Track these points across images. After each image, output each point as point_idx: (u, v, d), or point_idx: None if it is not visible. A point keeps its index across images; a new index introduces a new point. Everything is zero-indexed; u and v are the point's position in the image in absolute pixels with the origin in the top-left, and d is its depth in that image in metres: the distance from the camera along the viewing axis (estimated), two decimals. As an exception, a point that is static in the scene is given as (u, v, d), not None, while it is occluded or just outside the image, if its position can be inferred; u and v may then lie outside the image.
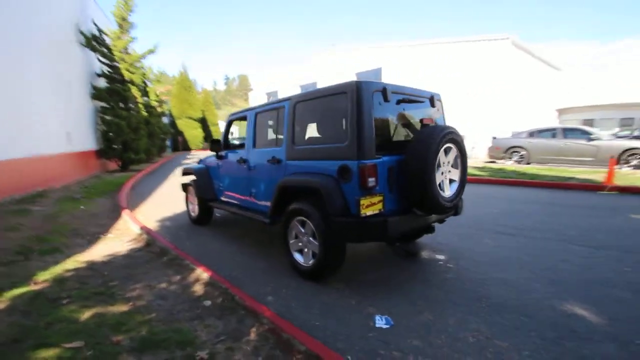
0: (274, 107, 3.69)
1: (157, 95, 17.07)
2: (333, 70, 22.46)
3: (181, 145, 30.13)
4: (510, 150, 12.19)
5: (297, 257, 3.28)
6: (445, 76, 16.82)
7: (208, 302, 2.65)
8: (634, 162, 9.27)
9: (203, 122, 33.40)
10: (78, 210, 6.29)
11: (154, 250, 4.05)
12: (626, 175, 8.22)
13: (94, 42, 11.23)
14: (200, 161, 5.76)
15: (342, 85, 2.88)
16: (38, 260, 3.63)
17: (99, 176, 11.29)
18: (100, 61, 11.95)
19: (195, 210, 5.40)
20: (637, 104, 18.85)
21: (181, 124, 29.49)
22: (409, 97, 3.20)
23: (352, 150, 2.73)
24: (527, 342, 2.16)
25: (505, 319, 2.45)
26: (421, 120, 3.16)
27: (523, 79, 16.95)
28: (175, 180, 11.38)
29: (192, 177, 5.61)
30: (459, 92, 16.26)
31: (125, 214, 5.78)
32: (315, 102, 3.18)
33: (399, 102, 3.10)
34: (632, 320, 2.36)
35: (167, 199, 7.74)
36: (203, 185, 5.08)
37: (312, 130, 3.33)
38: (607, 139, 10.32)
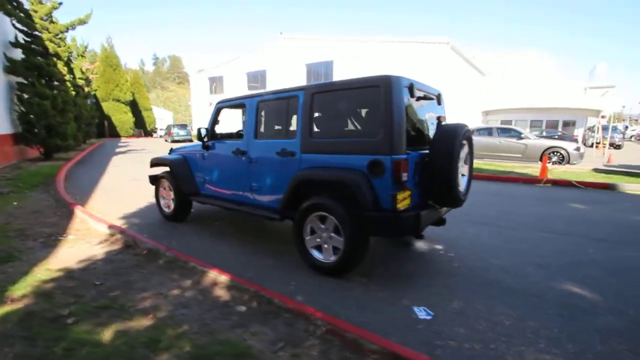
0: (284, 97, 3.49)
1: (83, 73, 14.84)
2: (283, 59, 22.02)
3: (107, 131, 26.84)
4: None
5: (315, 253, 3.19)
6: (386, 71, 17.64)
7: (242, 308, 2.45)
8: (554, 159, 10.93)
9: (133, 106, 30.19)
10: (11, 207, 5.24)
11: (139, 253, 3.58)
12: (551, 170, 9.65)
13: (8, 3, 9.26)
14: (173, 151, 5.22)
15: (374, 79, 2.85)
16: (-7, 271, 2.94)
17: (19, 166, 9.51)
18: (16, 27, 9.92)
19: (170, 205, 4.90)
20: (544, 108, 22.14)
21: (108, 107, 26.24)
22: (426, 94, 3.30)
23: (385, 145, 2.73)
24: (551, 320, 2.43)
25: (522, 301, 2.72)
26: (438, 118, 3.29)
27: (457, 81, 18.61)
28: (119, 171, 10.16)
29: (165, 169, 5.07)
30: None
31: (80, 211, 4.98)
32: (338, 93, 3.08)
33: (418, 98, 3.18)
34: (616, 294, 2.81)
35: (120, 193, 6.89)
36: (182, 178, 4.61)
37: (331, 123, 3.23)
38: (534, 138, 11.98)
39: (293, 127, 3.41)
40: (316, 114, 3.21)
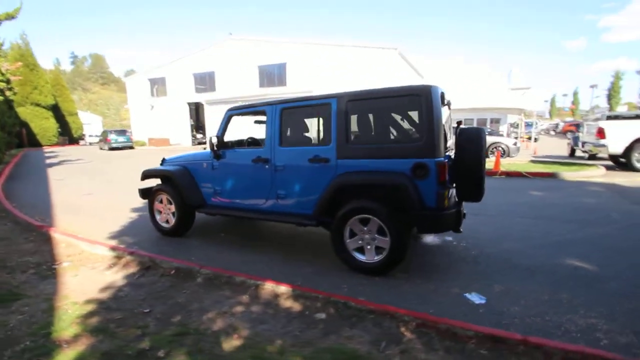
0: (314, 104, 3.53)
1: (3, 74, 12.75)
2: (233, 60, 21.36)
3: (26, 140, 23.37)
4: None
5: (358, 255, 3.31)
6: (342, 77, 18.19)
7: (322, 315, 2.47)
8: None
9: (56, 111, 26.76)
10: (-36, 236, 4.39)
11: (166, 273, 3.32)
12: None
13: None
14: (167, 161, 4.87)
15: (415, 88, 3.05)
16: (6, 313, 2.51)
17: None
18: None
19: (170, 219, 4.57)
20: (476, 108, 24.81)
21: (25, 112, 22.85)
22: (448, 101, 3.61)
23: (429, 149, 2.96)
24: (575, 291, 2.88)
25: (544, 278, 3.16)
26: (458, 122, 3.62)
27: (403, 84, 19.88)
28: (65, 185, 9.02)
29: (157, 181, 4.73)
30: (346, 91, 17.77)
31: (61, 234, 4.39)
32: (376, 101, 3.24)
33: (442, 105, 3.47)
34: (607, 265, 3.41)
35: (84, 210, 6.23)
36: (187, 190, 4.34)
37: (369, 129, 3.36)
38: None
39: (327, 134, 3.45)
40: (352, 120, 3.32)
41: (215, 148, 4.06)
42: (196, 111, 25.91)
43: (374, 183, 3.16)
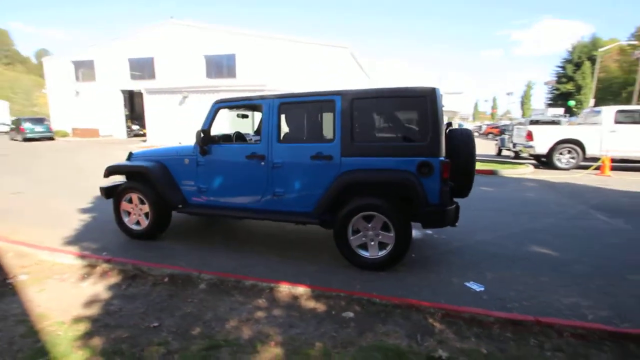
0: (316, 100, 3.46)
1: None
2: (176, 47, 19.82)
3: None
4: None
5: (361, 252, 3.36)
6: (295, 73, 18.07)
7: (350, 314, 2.46)
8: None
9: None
10: None
11: (159, 281, 2.99)
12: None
13: None
14: (135, 156, 4.37)
15: (420, 90, 3.18)
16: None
17: None
18: None
19: (141, 221, 4.13)
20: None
21: None
22: None
23: (434, 149, 3.12)
24: (551, 274, 3.30)
25: (523, 264, 3.55)
26: (449, 124, 3.85)
27: (351, 83, 20.45)
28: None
29: (122, 178, 4.25)
30: (299, 87, 17.65)
31: (8, 243, 3.68)
32: (382, 100, 3.30)
33: None
34: (567, 250, 3.96)
35: (17, 212, 5.30)
36: (166, 188, 3.95)
37: (374, 127, 3.40)
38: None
39: (331, 131, 3.42)
40: (357, 119, 3.33)
41: (201, 143, 3.75)
42: (130, 100, 23.47)
43: (382, 181, 3.23)
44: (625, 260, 3.66)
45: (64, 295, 2.76)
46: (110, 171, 4.25)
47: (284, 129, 3.63)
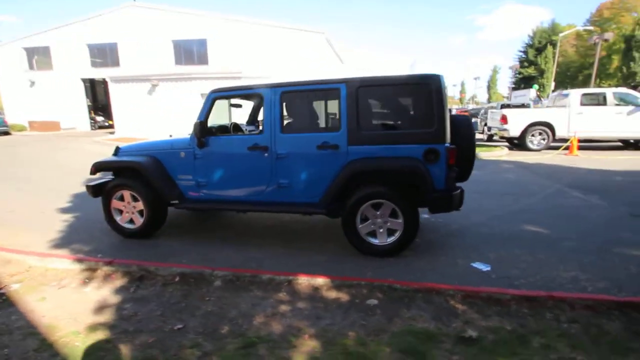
0: (320, 88, 3.39)
1: None
2: (142, 32, 18.63)
3: None
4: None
5: (371, 239, 3.40)
6: (271, 59, 17.54)
7: (374, 301, 2.50)
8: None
9: None
10: None
11: (169, 281, 2.88)
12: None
13: None
14: (123, 151, 4.12)
15: (425, 76, 3.20)
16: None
17: None
18: None
19: (135, 219, 3.93)
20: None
21: None
22: None
23: (440, 135, 3.18)
24: (545, 252, 3.49)
25: (518, 243, 3.75)
26: (449, 110, 3.92)
27: (326, 68, 20.21)
28: None
29: (117, 175, 4.01)
30: (276, 74, 16.50)
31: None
32: (387, 88, 3.29)
33: None
34: (553, 227, 4.22)
35: (1, 217, 4.89)
36: (162, 183, 3.77)
37: (379, 115, 3.39)
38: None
39: (336, 119, 3.37)
40: (363, 107, 3.31)
41: (200, 135, 3.58)
42: (92, 89, 21.92)
43: (389, 169, 3.25)
44: (606, 235, 3.95)
45: (68, 302, 2.59)
46: (98, 168, 3.98)
47: (287, 118, 3.53)
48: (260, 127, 3.53)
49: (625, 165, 8.05)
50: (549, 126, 10.54)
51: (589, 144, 11.37)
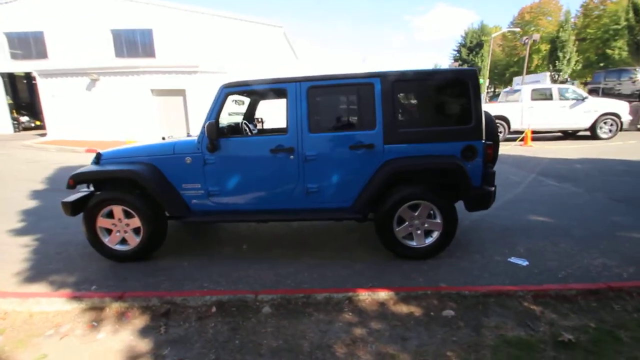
0: (350, 83, 3.11)
1: None
2: (72, 19, 16.38)
3: None
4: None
5: (408, 242, 3.24)
6: (223, 51, 16.40)
7: (450, 312, 2.32)
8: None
9: None
10: None
11: (206, 314, 2.41)
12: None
13: None
14: (107, 157, 3.44)
15: (462, 71, 3.11)
16: None
17: None
18: None
19: (129, 238, 3.33)
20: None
21: None
22: None
23: (478, 132, 3.11)
24: (565, 241, 3.64)
25: (537, 235, 3.82)
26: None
27: (282, 63, 19.44)
28: None
29: (99, 187, 3.36)
30: (234, 69, 15.43)
31: None
32: (424, 83, 3.13)
33: None
34: (557, 217, 4.44)
35: None
36: (162, 195, 3.21)
37: (415, 111, 3.21)
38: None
39: (369, 116, 3.12)
40: (399, 103, 3.12)
41: (214, 137, 3.08)
42: (12, 85, 18.77)
43: (428, 168, 3.11)
44: (603, 221, 4.24)
45: (83, 358, 2.02)
46: (78, 180, 3.26)
47: (317, 116, 3.20)
48: (286, 126, 3.15)
49: (578, 154, 8.96)
50: (505, 120, 11.38)
51: (536, 135, 12.54)
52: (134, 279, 3.04)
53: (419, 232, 3.24)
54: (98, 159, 3.44)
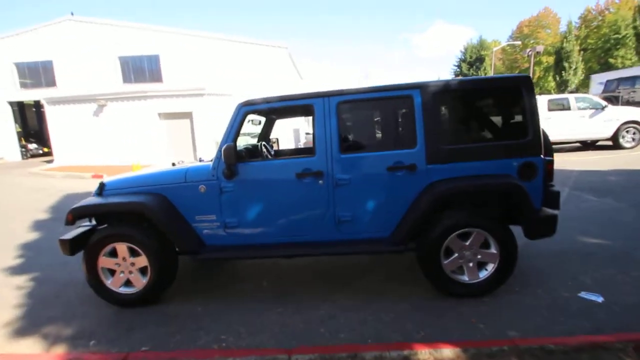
0: (387, 96, 2.73)
1: None
2: (81, 48, 16.61)
3: None
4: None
5: (459, 277, 2.77)
6: (231, 75, 16.42)
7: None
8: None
9: None
10: None
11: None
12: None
13: None
14: (111, 187, 3.06)
15: (514, 78, 2.71)
16: None
17: None
18: None
19: (135, 279, 2.90)
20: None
21: None
22: None
23: (537, 146, 2.69)
24: (628, 267, 3.13)
25: (597, 262, 3.31)
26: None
27: (287, 82, 19.44)
28: None
29: (101, 222, 2.98)
30: (240, 91, 15.38)
31: None
32: (471, 93, 2.75)
33: None
34: (609, 237, 3.92)
35: None
36: (178, 228, 2.80)
37: (462, 126, 2.81)
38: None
39: (406, 133, 2.73)
40: (444, 117, 2.72)
41: (233, 162, 2.70)
42: (22, 113, 18.92)
43: (481, 190, 2.67)
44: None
45: None
46: (77, 215, 2.87)
47: (348, 135, 2.81)
48: (313, 147, 2.76)
49: (606, 165, 8.45)
50: (523, 132, 10.96)
51: (554, 147, 12.07)
52: (141, 329, 2.59)
53: (470, 264, 2.77)
54: (101, 189, 3.06)
